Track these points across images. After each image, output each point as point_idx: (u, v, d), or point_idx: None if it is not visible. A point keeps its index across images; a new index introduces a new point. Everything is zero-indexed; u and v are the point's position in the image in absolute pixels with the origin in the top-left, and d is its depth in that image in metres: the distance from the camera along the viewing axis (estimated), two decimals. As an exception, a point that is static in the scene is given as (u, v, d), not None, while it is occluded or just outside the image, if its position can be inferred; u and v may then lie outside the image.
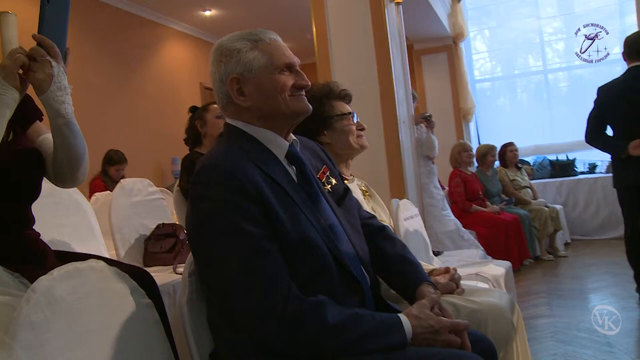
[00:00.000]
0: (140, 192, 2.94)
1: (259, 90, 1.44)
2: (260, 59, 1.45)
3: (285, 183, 1.40)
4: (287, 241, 1.32)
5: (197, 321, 1.43)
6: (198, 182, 1.34)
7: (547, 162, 7.83)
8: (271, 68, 1.45)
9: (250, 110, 1.46)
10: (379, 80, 4.15)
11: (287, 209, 1.35)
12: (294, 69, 1.49)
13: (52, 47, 1.48)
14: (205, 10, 7.80)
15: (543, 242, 6.03)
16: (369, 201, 2.22)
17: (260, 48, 1.46)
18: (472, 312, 1.78)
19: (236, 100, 1.45)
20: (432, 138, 5.04)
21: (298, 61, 1.51)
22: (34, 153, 1.64)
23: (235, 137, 1.46)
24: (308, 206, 1.42)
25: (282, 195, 1.37)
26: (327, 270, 1.37)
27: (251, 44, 1.46)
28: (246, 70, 1.44)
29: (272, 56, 1.46)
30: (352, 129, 2.10)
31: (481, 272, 2.94)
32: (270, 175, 1.37)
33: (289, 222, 1.33)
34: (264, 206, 1.30)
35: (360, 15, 4.20)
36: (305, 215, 1.38)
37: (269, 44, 1.48)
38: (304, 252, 1.34)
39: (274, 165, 1.42)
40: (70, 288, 1.17)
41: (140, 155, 6.77)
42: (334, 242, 1.41)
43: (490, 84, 8.96)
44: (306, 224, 1.37)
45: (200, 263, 1.38)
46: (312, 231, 1.37)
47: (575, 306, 3.99)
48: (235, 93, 1.45)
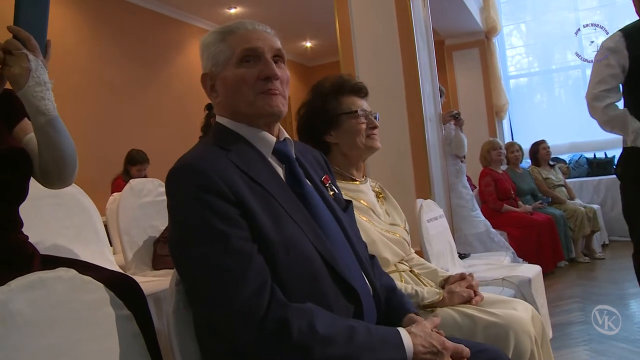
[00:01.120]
0: (151, 193, 2.87)
1: (224, 87, 1.35)
2: (225, 52, 1.34)
3: (269, 183, 1.28)
4: (268, 243, 1.20)
5: (184, 332, 1.32)
6: (169, 181, 1.24)
7: (584, 160, 7.57)
8: (233, 60, 1.33)
9: (225, 106, 1.37)
10: (405, 76, 4.01)
11: (269, 209, 1.24)
12: (261, 58, 1.33)
13: (29, 40, 1.40)
14: (230, 8, 7.79)
15: (579, 244, 5.79)
16: (383, 203, 2.08)
17: (228, 40, 1.35)
18: (491, 325, 1.65)
19: (210, 97, 1.39)
20: (461, 136, 4.85)
21: (271, 48, 1.34)
22: (19, 153, 1.56)
23: (218, 135, 1.36)
24: (296, 207, 1.30)
25: (264, 195, 1.25)
26: (315, 275, 1.24)
27: (220, 37, 1.36)
28: (214, 64, 1.36)
29: (235, 47, 1.33)
30: (361, 128, 1.94)
31: (508, 277, 2.79)
32: (250, 174, 1.26)
33: (269, 224, 1.21)
34: (240, 206, 1.19)
35: (384, 10, 4.07)
36: (290, 217, 1.26)
37: (238, 35, 1.35)
38: (286, 255, 1.21)
39: (257, 164, 1.31)
40: (30, 300, 1.07)
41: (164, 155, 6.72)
42: (326, 245, 1.29)
43: (526, 79, 8.76)
44: (290, 225, 1.25)
45: (176, 267, 1.27)
46: (298, 233, 1.25)
47: (612, 313, 3.77)
48: (209, 90, 1.38)
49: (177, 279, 1.34)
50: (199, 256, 1.16)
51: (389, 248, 1.88)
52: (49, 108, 1.45)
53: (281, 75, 1.34)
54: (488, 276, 2.83)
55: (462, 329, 1.67)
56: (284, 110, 1.35)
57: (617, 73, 2.59)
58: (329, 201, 1.46)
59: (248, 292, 1.12)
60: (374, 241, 1.82)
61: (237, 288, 1.12)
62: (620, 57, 2.58)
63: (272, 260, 1.19)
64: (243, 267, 1.14)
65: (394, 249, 1.91)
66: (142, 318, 1.39)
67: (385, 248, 1.87)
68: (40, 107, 1.43)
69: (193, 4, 7.52)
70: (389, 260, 1.87)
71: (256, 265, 1.16)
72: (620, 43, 2.59)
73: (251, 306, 1.11)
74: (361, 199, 1.93)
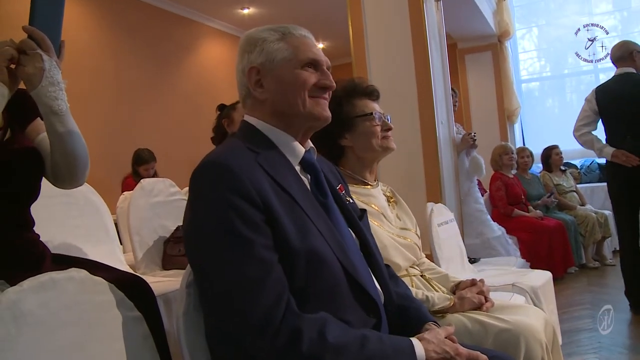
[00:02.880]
0: (162, 193, 2.87)
1: (277, 84, 1.33)
2: (285, 51, 1.34)
3: (296, 191, 1.27)
4: (291, 253, 1.18)
5: (195, 335, 1.31)
6: (196, 178, 1.21)
7: (595, 165, 7.52)
8: (295, 62, 1.34)
9: (266, 104, 1.35)
10: (417, 79, 3.98)
11: (295, 218, 1.22)
12: (319, 68, 1.37)
13: (44, 40, 1.40)
14: (243, 9, 7.81)
15: (589, 249, 5.75)
16: (394, 208, 2.07)
17: (287, 40, 1.36)
18: (502, 332, 1.64)
19: (253, 92, 1.35)
20: (478, 158, 4.74)
21: (327, 61, 1.39)
22: (32, 152, 1.57)
23: (248, 136, 1.34)
24: (321, 217, 1.29)
25: (290, 203, 1.24)
26: (337, 286, 1.23)
27: (279, 35, 1.36)
28: (268, 60, 1.34)
29: (297, 50, 1.35)
30: (376, 130, 1.94)
31: (518, 282, 2.77)
32: (278, 180, 1.25)
33: (295, 233, 1.20)
34: (267, 213, 1.17)
35: (397, 13, 4.05)
36: (315, 227, 1.25)
37: (297, 38, 1.37)
38: (310, 266, 1.20)
39: (285, 171, 1.30)
40: (41, 301, 1.07)
41: (176, 154, 6.77)
42: (348, 256, 1.28)
43: (538, 84, 8.70)
44: (315, 236, 1.23)
45: (192, 268, 1.25)
46: (322, 244, 1.24)
47: (623, 320, 3.72)
48: (254, 84, 1.35)
49: (187, 281, 1.33)
50: (220, 261, 1.14)
51: (400, 253, 1.88)
52: (61, 108, 1.45)
53: None
54: (498, 281, 2.81)
55: (473, 335, 1.66)
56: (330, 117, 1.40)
57: (589, 114, 4.11)
58: (347, 210, 1.46)
59: (265, 303, 1.10)
60: (385, 246, 1.81)
61: (254, 298, 1.11)
62: (592, 106, 4.07)
63: (292, 269, 1.18)
64: (263, 276, 1.12)
65: (405, 253, 1.90)
66: (153, 320, 1.39)
67: (397, 253, 1.86)
68: (54, 107, 1.43)
69: (206, 4, 7.54)
70: (400, 265, 1.86)
71: (275, 275, 1.14)
72: (592, 97, 4.08)
73: (267, 317, 1.10)
74: (372, 203, 1.93)
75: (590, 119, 4.12)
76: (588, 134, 4.15)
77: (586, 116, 4.14)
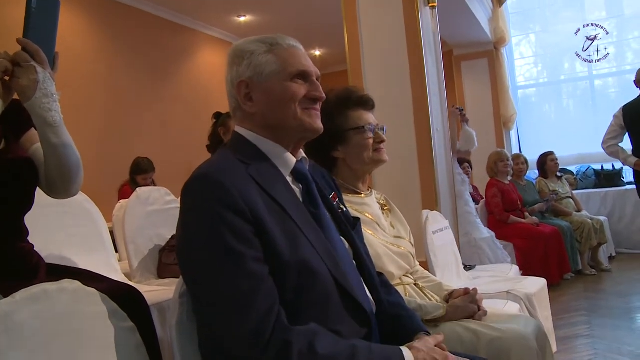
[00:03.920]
0: (157, 201, 2.88)
1: (267, 97, 1.34)
2: (273, 64, 1.34)
3: (287, 202, 1.27)
4: (282, 265, 1.19)
5: (188, 345, 1.32)
6: (187, 191, 1.22)
7: (591, 171, 7.54)
8: (283, 74, 1.34)
9: (256, 117, 1.35)
10: (412, 87, 3.99)
11: (286, 230, 1.23)
12: (309, 79, 1.37)
13: (37, 52, 1.41)
14: (239, 16, 7.83)
15: (585, 256, 5.75)
16: (388, 216, 2.08)
17: (275, 52, 1.35)
18: (494, 341, 1.65)
19: (243, 106, 1.36)
20: (469, 130, 4.88)
21: (316, 72, 1.39)
22: (25, 162, 1.57)
23: (239, 147, 1.35)
24: (312, 228, 1.29)
25: (281, 215, 1.24)
26: (328, 297, 1.24)
27: (266, 47, 1.36)
28: (256, 74, 1.34)
29: (286, 62, 1.35)
30: (368, 143, 1.93)
31: (513, 290, 2.78)
32: (269, 192, 1.25)
33: (286, 245, 1.20)
34: (258, 226, 1.18)
35: (393, 20, 4.06)
36: (306, 238, 1.25)
37: (285, 50, 1.37)
38: (301, 277, 1.20)
39: (276, 182, 1.30)
40: (34, 312, 1.08)
41: (173, 163, 6.77)
42: (340, 267, 1.28)
43: (535, 90, 8.74)
44: (306, 247, 1.24)
45: (185, 281, 1.26)
46: (313, 255, 1.24)
47: (619, 326, 3.72)
48: (243, 98, 1.35)
49: (181, 291, 1.34)
50: (211, 274, 1.15)
51: (394, 261, 1.88)
52: (55, 119, 1.45)
53: None
54: (493, 289, 2.82)
55: (465, 344, 1.67)
56: None
57: (616, 129, 4.98)
58: (339, 220, 1.46)
59: (256, 315, 1.11)
60: (378, 254, 1.81)
61: (245, 311, 1.11)
62: (619, 122, 4.93)
63: (284, 281, 1.18)
64: (254, 289, 1.13)
65: (399, 262, 1.91)
66: (146, 330, 1.40)
67: (390, 262, 1.86)
68: (47, 118, 1.44)
69: (203, 12, 7.55)
70: (394, 273, 1.87)
71: (266, 288, 1.15)
72: (620, 114, 4.93)
73: (258, 330, 1.10)
74: (366, 212, 1.93)
75: (617, 133, 4.97)
76: (615, 146, 4.98)
77: (613, 130, 4.99)
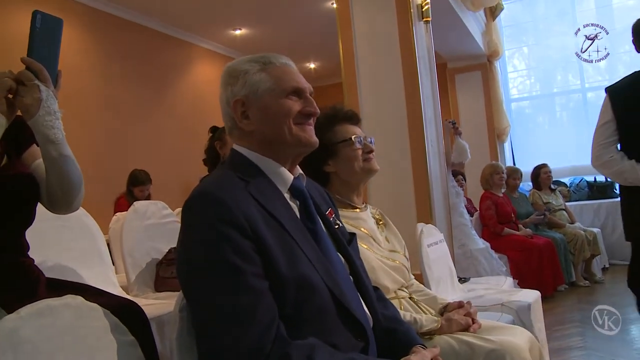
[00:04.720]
0: (154, 215, 2.90)
1: (263, 114, 1.37)
2: (267, 82, 1.38)
3: (285, 218, 1.31)
4: (281, 281, 1.21)
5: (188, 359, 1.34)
6: (188, 208, 1.25)
7: (584, 183, 7.60)
8: (278, 91, 1.38)
9: (254, 135, 1.39)
10: (407, 100, 4.04)
11: (284, 246, 1.26)
12: (302, 95, 1.41)
13: (41, 71, 1.44)
14: (235, 30, 7.87)
15: (579, 267, 5.78)
16: (383, 230, 2.11)
17: (268, 71, 1.40)
18: (489, 352, 1.68)
19: (240, 124, 1.39)
20: (462, 142, 4.97)
21: (309, 88, 1.44)
22: (27, 178, 1.60)
23: (237, 165, 1.38)
24: (309, 244, 1.33)
25: (279, 231, 1.27)
26: (325, 311, 1.27)
27: (259, 66, 1.40)
28: (251, 92, 1.38)
29: (279, 79, 1.39)
30: (357, 154, 1.98)
31: (507, 302, 2.80)
32: (268, 208, 1.28)
33: (284, 261, 1.23)
34: (257, 241, 1.21)
35: (387, 35, 4.11)
36: (304, 254, 1.28)
37: (278, 68, 1.41)
38: (299, 293, 1.23)
39: (274, 199, 1.34)
40: (38, 327, 1.10)
41: (169, 176, 6.78)
42: (337, 282, 1.31)
43: (528, 102, 8.79)
44: (304, 263, 1.27)
45: (185, 296, 1.29)
46: (311, 271, 1.27)
47: (612, 338, 3.72)
48: (239, 116, 1.39)
49: (180, 306, 1.36)
50: (212, 289, 1.17)
51: (389, 275, 1.91)
52: (57, 137, 1.48)
53: None
54: (487, 301, 2.84)
55: (460, 357, 1.70)
56: None
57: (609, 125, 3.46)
58: (336, 236, 1.49)
59: (256, 330, 1.14)
60: (374, 268, 1.84)
61: (245, 326, 1.14)
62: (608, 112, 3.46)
63: (283, 296, 1.21)
64: (254, 305, 1.15)
65: (394, 276, 1.93)
66: (146, 344, 1.42)
67: (385, 275, 1.89)
68: (50, 135, 1.46)
69: (198, 25, 7.59)
70: (389, 287, 1.89)
71: (266, 303, 1.17)
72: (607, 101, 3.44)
73: (258, 345, 1.13)
74: (361, 226, 1.96)
75: (610, 130, 4.18)
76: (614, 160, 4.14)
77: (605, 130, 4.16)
